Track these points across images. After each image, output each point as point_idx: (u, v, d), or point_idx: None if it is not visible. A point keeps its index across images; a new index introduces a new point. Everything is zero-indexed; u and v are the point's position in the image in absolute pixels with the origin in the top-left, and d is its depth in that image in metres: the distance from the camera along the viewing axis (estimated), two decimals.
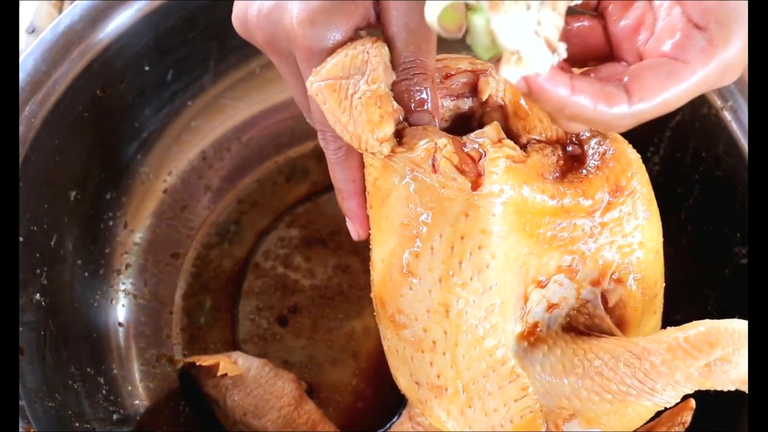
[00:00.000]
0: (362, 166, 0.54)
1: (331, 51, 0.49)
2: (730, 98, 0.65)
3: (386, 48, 0.50)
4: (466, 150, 0.50)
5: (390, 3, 0.49)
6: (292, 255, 0.80)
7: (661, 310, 0.58)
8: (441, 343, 0.51)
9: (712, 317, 0.67)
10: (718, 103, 0.66)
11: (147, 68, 0.74)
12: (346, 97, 0.49)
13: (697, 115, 0.68)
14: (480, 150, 0.50)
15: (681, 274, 0.69)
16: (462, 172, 0.49)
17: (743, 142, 0.65)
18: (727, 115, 0.66)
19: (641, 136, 0.72)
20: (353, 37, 0.50)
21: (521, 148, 0.52)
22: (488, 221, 0.49)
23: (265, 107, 0.84)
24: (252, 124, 0.85)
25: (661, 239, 0.56)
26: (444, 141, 0.50)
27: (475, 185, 0.49)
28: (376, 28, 0.51)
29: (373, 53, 0.49)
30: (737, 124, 0.65)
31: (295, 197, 0.83)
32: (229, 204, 0.83)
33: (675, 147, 0.72)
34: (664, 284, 0.57)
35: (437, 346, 0.51)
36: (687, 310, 0.69)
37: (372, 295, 0.54)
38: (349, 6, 0.49)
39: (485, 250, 0.49)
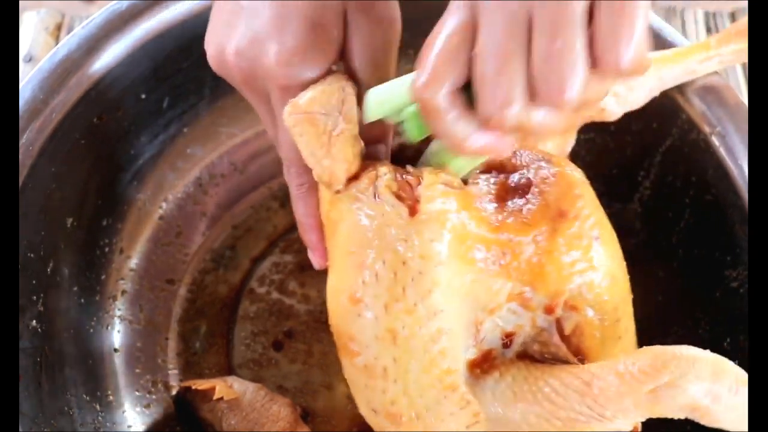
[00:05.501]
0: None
1: (307, 86, 0.51)
2: (718, 124, 0.66)
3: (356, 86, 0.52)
4: (405, 177, 0.51)
5: (357, 38, 0.51)
6: (286, 280, 0.81)
7: (630, 335, 0.57)
8: (392, 370, 0.51)
9: (703, 340, 0.68)
10: (707, 128, 0.67)
11: (143, 96, 0.75)
12: (324, 133, 0.51)
13: (686, 140, 0.69)
14: (418, 177, 0.51)
15: (672, 298, 0.69)
16: (400, 198, 0.51)
17: (732, 167, 0.65)
18: (715, 141, 0.66)
19: (632, 161, 0.74)
20: (330, 71, 0.52)
21: (463, 182, 0.53)
22: (426, 247, 0.50)
23: (259, 133, 0.85)
24: (246, 150, 0.85)
25: (618, 263, 0.55)
26: (385, 169, 0.52)
27: (413, 211, 0.51)
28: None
29: (349, 92, 0.51)
30: (725, 149, 0.66)
31: (290, 223, 0.84)
32: (224, 230, 0.84)
33: (665, 171, 0.72)
34: (630, 309, 0.56)
35: (388, 373, 0.52)
36: (678, 334, 0.70)
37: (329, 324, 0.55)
38: (324, 45, 0.51)
39: (426, 275, 0.50)
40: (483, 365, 0.53)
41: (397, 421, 0.53)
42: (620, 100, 0.65)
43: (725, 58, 0.65)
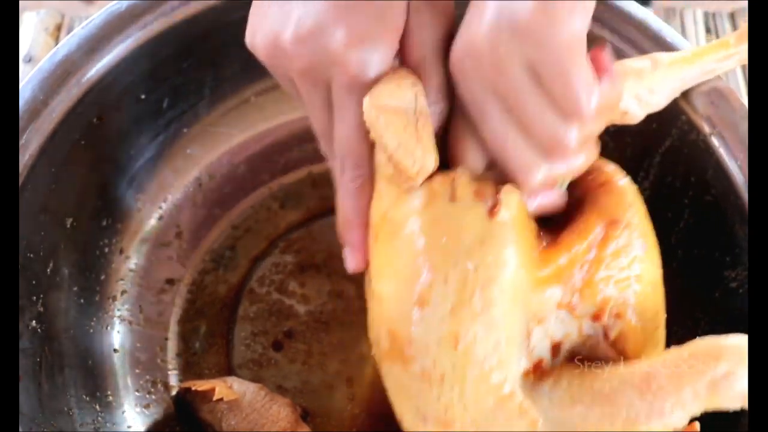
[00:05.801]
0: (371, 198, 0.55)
1: (376, 79, 0.50)
2: (718, 124, 0.66)
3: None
4: (484, 179, 0.51)
5: (421, 30, 0.50)
6: (286, 281, 0.81)
7: (663, 342, 0.57)
8: (449, 377, 0.51)
9: None
10: (707, 129, 0.67)
11: (143, 96, 0.75)
12: (411, 124, 0.50)
13: (685, 141, 0.69)
14: (498, 181, 0.51)
15: (672, 298, 0.69)
16: (480, 199, 0.50)
17: (731, 167, 0.65)
18: (715, 141, 0.66)
19: (632, 162, 0.73)
20: (394, 66, 0.51)
21: None
22: (501, 251, 0.49)
23: (259, 134, 0.85)
24: (246, 150, 0.85)
25: (659, 272, 0.56)
26: (462, 169, 0.51)
27: (492, 213, 0.50)
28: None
29: (420, 88, 0.50)
30: (725, 149, 0.66)
31: (290, 223, 0.84)
32: (224, 230, 0.84)
33: (664, 172, 0.72)
34: (665, 316, 0.57)
35: (445, 379, 0.51)
36: (678, 334, 0.69)
37: (373, 331, 0.54)
38: (390, 32, 0.49)
39: (495, 282, 0.49)
40: (535, 373, 0.53)
41: (449, 428, 0.52)
42: (642, 103, 0.65)
43: (745, 56, 0.65)
